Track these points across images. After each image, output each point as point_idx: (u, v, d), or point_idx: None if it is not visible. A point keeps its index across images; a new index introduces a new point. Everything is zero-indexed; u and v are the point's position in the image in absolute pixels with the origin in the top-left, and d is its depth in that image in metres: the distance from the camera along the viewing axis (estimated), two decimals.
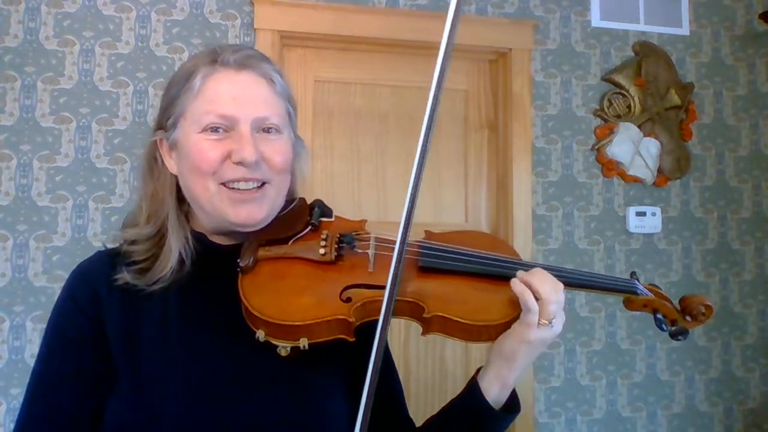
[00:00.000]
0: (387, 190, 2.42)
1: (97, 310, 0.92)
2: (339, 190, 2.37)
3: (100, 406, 0.89)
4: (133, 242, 0.96)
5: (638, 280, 1.05)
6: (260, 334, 0.86)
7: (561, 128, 2.52)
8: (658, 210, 2.56)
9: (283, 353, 0.87)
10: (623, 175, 2.53)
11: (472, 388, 0.97)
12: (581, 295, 2.45)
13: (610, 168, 2.52)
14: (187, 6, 2.24)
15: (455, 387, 2.38)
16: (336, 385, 0.97)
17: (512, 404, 0.98)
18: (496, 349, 0.95)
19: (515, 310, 0.92)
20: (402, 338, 2.36)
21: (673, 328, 1.03)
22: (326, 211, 1.03)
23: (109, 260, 0.96)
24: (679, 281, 2.57)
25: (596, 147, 2.52)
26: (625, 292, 1.03)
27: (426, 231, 1.03)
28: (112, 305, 0.93)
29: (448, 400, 1.02)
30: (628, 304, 1.05)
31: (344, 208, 2.42)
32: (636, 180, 2.55)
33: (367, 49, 2.41)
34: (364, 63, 2.43)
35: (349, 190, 2.39)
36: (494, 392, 0.96)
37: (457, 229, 1.12)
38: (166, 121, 0.96)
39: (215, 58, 0.95)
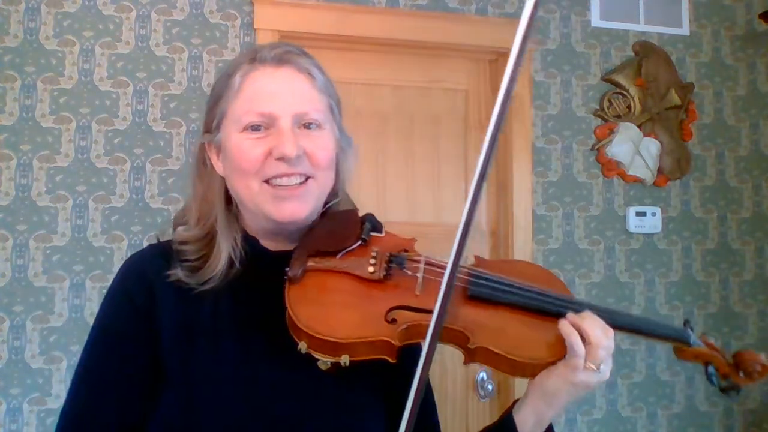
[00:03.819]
0: (387, 190, 2.42)
1: (150, 303, 0.92)
2: None
3: (144, 403, 0.89)
4: (183, 242, 0.96)
5: (692, 329, 1.02)
6: (302, 346, 0.85)
7: (561, 128, 2.52)
8: (658, 210, 2.56)
9: (323, 367, 0.86)
10: (623, 175, 2.53)
11: (507, 421, 0.95)
12: (581, 295, 2.45)
13: (610, 168, 2.52)
14: (187, 6, 2.24)
15: (455, 386, 2.39)
16: (373, 402, 0.97)
17: None
18: (537, 385, 0.92)
19: (563, 349, 0.89)
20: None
21: (725, 383, 0.99)
22: (377, 226, 1.01)
23: (161, 255, 0.96)
24: (679, 281, 2.57)
25: (596, 147, 2.52)
26: (678, 341, 1.00)
27: (476, 257, 1.01)
28: (165, 299, 0.93)
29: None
30: (679, 354, 1.02)
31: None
32: (636, 180, 2.55)
33: (367, 49, 2.41)
34: (364, 63, 2.43)
35: (349, 190, 2.38)
36: (528, 428, 0.94)
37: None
38: (212, 123, 0.97)
39: (254, 56, 0.95)
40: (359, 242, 0.98)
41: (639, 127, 2.55)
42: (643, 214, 2.54)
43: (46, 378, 2.04)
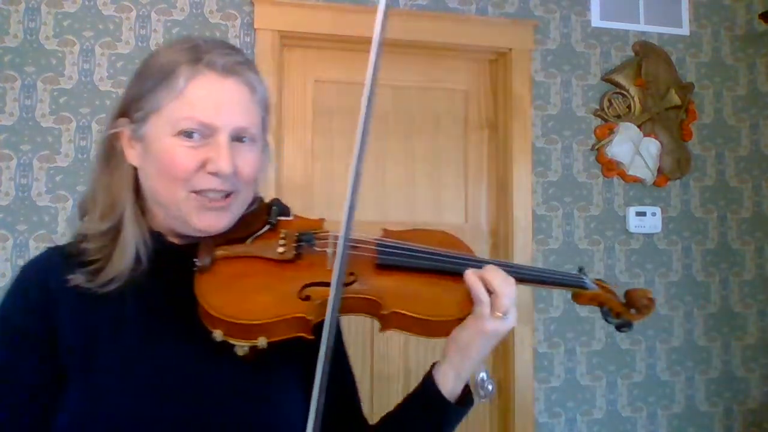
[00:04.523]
0: (387, 190, 2.42)
1: (46, 303, 0.90)
2: (339, 190, 2.37)
3: (38, 402, 0.87)
4: (84, 239, 0.94)
5: (586, 276, 1.09)
6: (217, 334, 0.84)
7: (561, 128, 2.52)
8: (658, 210, 2.56)
9: (241, 353, 0.86)
10: (623, 175, 2.53)
11: (428, 381, 1.00)
12: None
13: (610, 168, 2.52)
14: (187, 6, 2.24)
15: None
16: (293, 382, 0.96)
17: (467, 398, 1.01)
18: (452, 341, 0.97)
19: (471, 305, 0.94)
20: (402, 340, 2.36)
21: (618, 321, 1.08)
22: (284, 210, 1.02)
23: (60, 260, 0.93)
24: (679, 281, 2.57)
25: (596, 147, 2.52)
26: (574, 286, 1.08)
27: (383, 229, 1.04)
28: (64, 301, 0.90)
29: None
30: (577, 298, 1.09)
31: (344, 207, 2.42)
32: (636, 180, 2.55)
33: (367, 49, 2.39)
34: (364, 63, 2.41)
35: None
36: (449, 384, 0.98)
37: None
38: (135, 112, 0.93)
39: (199, 56, 0.91)
40: (267, 227, 0.98)
41: (639, 127, 2.55)
42: (643, 214, 2.54)
43: None
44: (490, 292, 0.93)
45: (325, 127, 2.38)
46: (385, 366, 2.34)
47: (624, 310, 1.09)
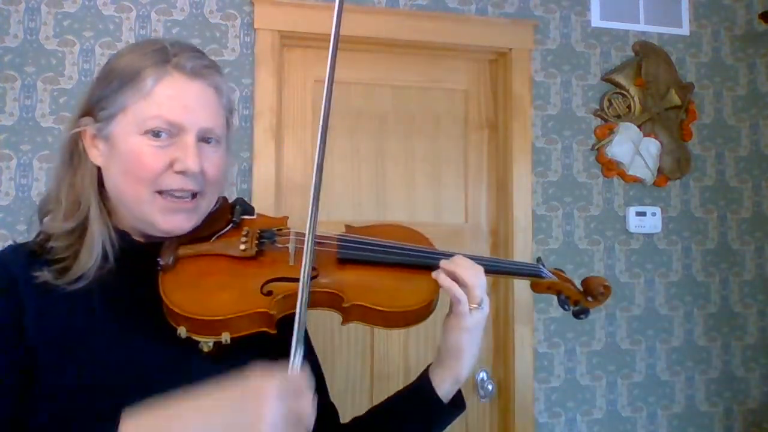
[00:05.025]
0: (387, 190, 2.42)
1: (17, 299, 0.89)
2: (338, 190, 2.37)
3: (16, 398, 0.86)
4: (49, 238, 0.94)
5: (543, 265, 1.13)
6: (182, 331, 0.86)
7: (561, 128, 2.52)
8: (658, 210, 2.56)
9: (206, 349, 0.88)
10: (623, 175, 2.53)
11: (424, 383, 1.02)
12: None
13: (610, 168, 2.52)
14: (187, 6, 2.24)
15: None
16: None
17: (459, 401, 1.04)
18: (443, 348, 1.00)
19: (430, 294, 0.97)
20: (402, 339, 2.36)
21: (576, 308, 1.11)
22: (248, 209, 1.05)
23: (25, 257, 0.93)
24: (679, 281, 2.57)
25: (596, 147, 2.52)
26: (531, 276, 1.11)
27: (346, 225, 1.08)
28: (30, 298, 0.89)
29: None
30: (535, 287, 1.13)
31: (344, 208, 2.43)
32: (636, 180, 2.55)
33: (367, 49, 2.41)
34: (364, 63, 2.43)
35: (349, 190, 2.39)
36: (446, 388, 1.01)
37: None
38: (100, 110, 0.94)
39: (167, 58, 0.93)
40: (230, 225, 1.01)
41: (639, 127, 2.55)
42: (643, 214, 2.54)
43: None
44: (462, 286, 0.96)
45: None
46: (385, 366, 2.34)
47: (581, 297, 1.12)
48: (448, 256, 1.00)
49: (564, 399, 2.43)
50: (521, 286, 2.35)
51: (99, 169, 0.96)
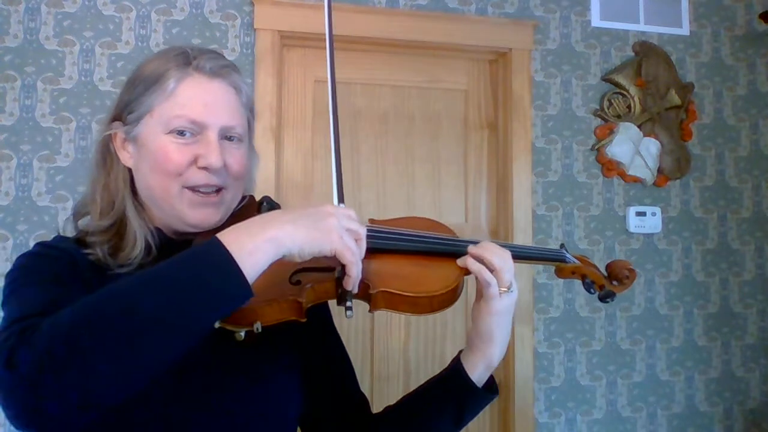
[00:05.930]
0: (387, 189, 2.43)
1: (79, 270, 0.93)
2: None
3: None
4: (87, 235, 0.99)
5: (567, 250, 1.14)
6: (216, 321, 0.88)
7: (561, 128, 2.52)
8: (658, 210, 2.56)
9: (238, 338, 0.91)
10: (623, 175, 2.53)
11: (457, 368, 1.04)
12: (581, 295, 2.45)
13: (610, 168, 2.52)
14: (187, 6, 2.24)
15: None
16: (288, 362, 1.03)
17: (493, 385, 1.06)
18: (473, 333, 1.03)
19: (456, 280, 0.99)
20: (402, 339, 2.36)
21: (601, 292, 1.12)
22: (274, 206, 1.09)
23: (74, 243, 0.99)
24: (679, 281, 2.57)
25: (596, 147, 2.52)
26: (556, 260, 1.13)
27: (370, 219, 1.10)
28: (88, 271, 0.94)
29: None
30: (559, 272, 1.14)
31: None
32: (636, 180, 2.55)
33: (367, 49, 2.41)
34: (364, 63, 2.43)
35: (349, 190, 2.39)
36: (479, 373, 1.03)
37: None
38: (128, 114, 0.99)
39: (188, 60, 0.98)
40: None
41: (639, 127, 2.55)
42: (643, 214, 2.54)
43: None
44: (491, 270, 0.98)
45: (325, 127, 2.38)
46: (385, 366, 2.34)
47: (606, 282, 1.14)
48: (474, 242, 1.03)
49: (564, 399, 2.43)
50: (521, 286, 2.35)
51: (131, 172, 1.01)
